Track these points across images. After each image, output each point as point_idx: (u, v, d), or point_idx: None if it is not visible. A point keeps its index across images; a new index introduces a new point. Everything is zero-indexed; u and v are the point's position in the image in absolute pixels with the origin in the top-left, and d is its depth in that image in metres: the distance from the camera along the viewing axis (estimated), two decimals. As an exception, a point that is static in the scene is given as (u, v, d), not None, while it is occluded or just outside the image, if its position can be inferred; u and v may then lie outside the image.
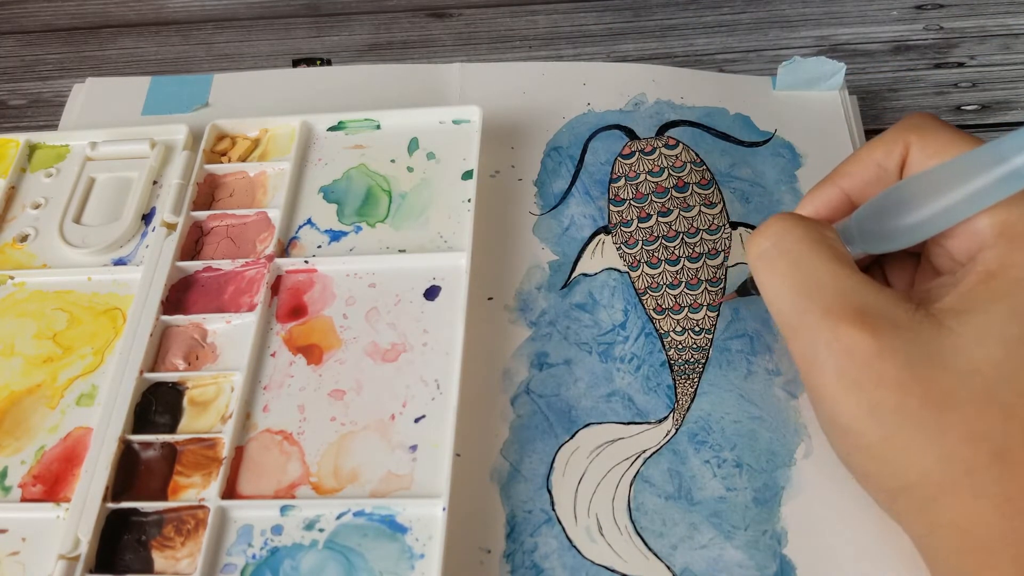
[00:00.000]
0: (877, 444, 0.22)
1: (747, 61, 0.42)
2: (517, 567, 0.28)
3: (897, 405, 0.22)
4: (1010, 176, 0.22)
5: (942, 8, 0.43)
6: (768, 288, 0.25)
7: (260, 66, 0.44)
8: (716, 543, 0.28)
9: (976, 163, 0.23)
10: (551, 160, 0.37)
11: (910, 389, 0.22)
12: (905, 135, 0.25)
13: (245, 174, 0.36)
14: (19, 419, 0.31)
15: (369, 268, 0.33)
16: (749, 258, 0.26)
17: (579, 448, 0.30)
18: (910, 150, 0.25)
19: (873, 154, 0.26)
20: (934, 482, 0.22)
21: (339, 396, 0.31)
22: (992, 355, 0.22)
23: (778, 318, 0.25)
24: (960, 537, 0.22)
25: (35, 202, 0.37)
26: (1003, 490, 0.21)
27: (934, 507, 0.22)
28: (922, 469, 0.22)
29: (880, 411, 0.22)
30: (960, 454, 0.21)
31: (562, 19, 0.45)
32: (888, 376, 0.22)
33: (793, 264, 0.24)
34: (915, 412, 0.22)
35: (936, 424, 0.21)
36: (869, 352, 0.22)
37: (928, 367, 0.22)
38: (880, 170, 0.26)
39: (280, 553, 0.28)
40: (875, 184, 0.26)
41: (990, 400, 0.21)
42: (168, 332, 0.33)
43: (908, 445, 0.22)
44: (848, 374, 0.22)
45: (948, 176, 0.23)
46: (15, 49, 0.46)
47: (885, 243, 0.25)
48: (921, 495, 0.22)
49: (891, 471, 0.23)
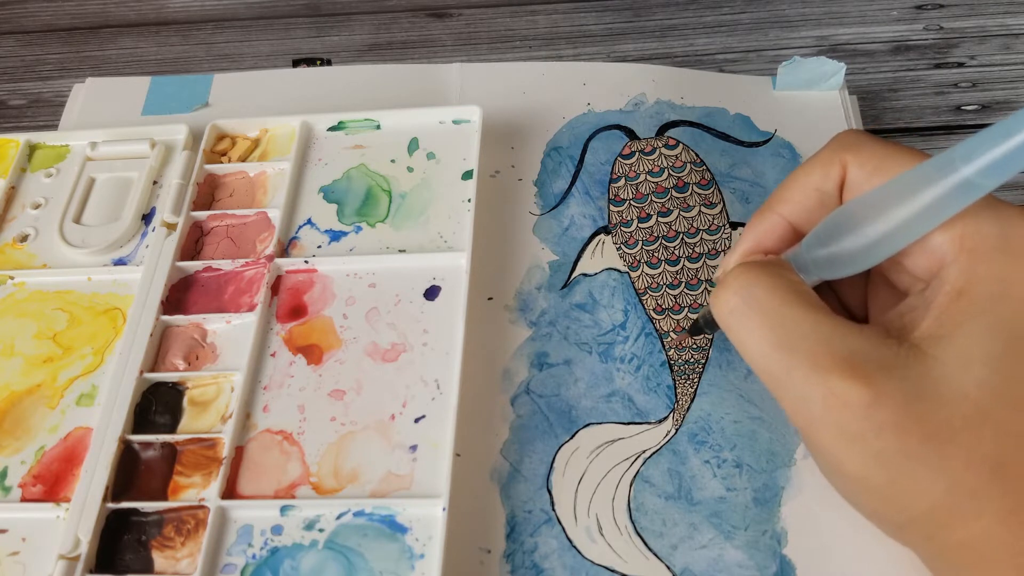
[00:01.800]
0: (884, 487, 0.22)
1: (747, 61, 0.42)
2: (517, 567, 0.28)
3: (900, 449, 0.22)
4: (963, 187, 0.21)
5: (942, 8, 0.43)
6: (748, 347, 0.24)
7: (260, 66, 0.44)
8: (716, 543, 0.28)
9: (926, 176, 0.22)
10: (551, 160, 0.37)
11: (909, 430, 0.21)
12: (840, 154, 0.25)
13: (245, 174, 0.36)
14: (19, 419, 0.31)
15: (369, 268, 0.33)
16: (718, 316, 0.25)
17: (579, 448, 0.30)
18: (848, 169, 0.24)
19: (810, 178, 0.25)
20: (941, 511, 0.22)
21: (339, 396, 0.31)
22: (977, 376, 0.21)
23: (763, 375, 0.24)
24: (968, 554, 0.22)
25: (35, 202, 0.37)
26: (1004, 504, 0.21)
27: (942, 532, 0.22)
28: (929, 502, 0.22)
29: (884, 457, 0.22)
30: (963, 480, 0.21)
31: (562, 19, 0.45)
32: (887, 422, 0.21)
33: (768, 319, 0.23)
34: (917, 451, 0.21)
35: (938, 457, 0.21)
36: (864, 401, 0.21)
37: (922, 404, 0.21)
38: (820, 194, 0.25)
39: (280, 553, 0.28)
40: (817, 209, 0.25)
41: (983, 421, 0.21)
42: (168, 332, 0.33)
43: (914, 483, 0.22)
44: (848, 427, 0.22)
45: (897, 193, 0.22)
46: (15, 49, 0.46)
47: (839, 269, 0.24)
48: (930, 524, 0.22)
49: (899, 508, 0.23)
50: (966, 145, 0.21)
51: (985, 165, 0.20)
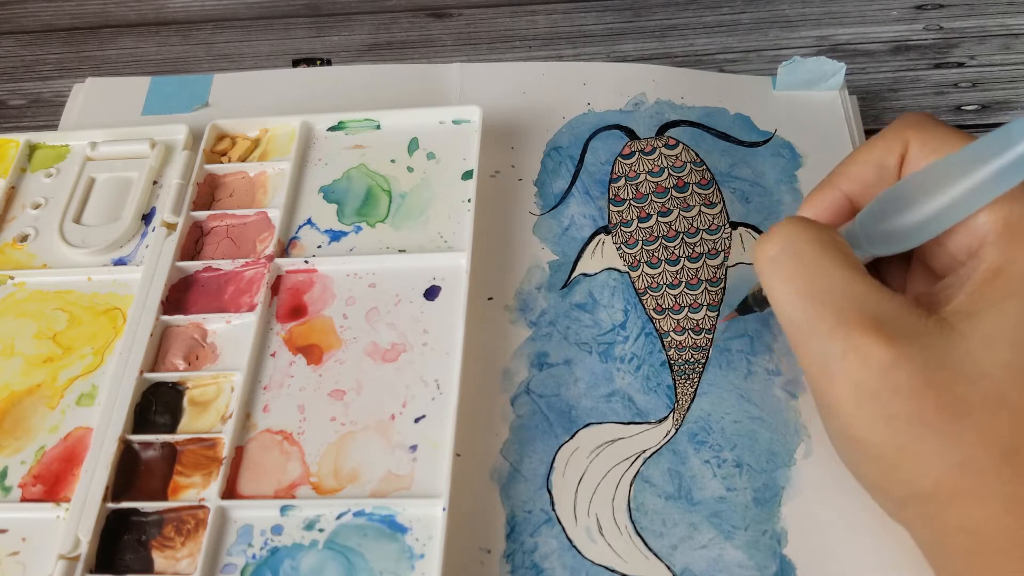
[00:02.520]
0: (892, 454, 0.22)
1: (747, 61, 0.42)
2: (517, 567, 0.28)
3: (913, 415, 0.21)
4: (1019, 162, 0.21)
5: (942, 8, 0.43)
6: (778, 294, 0.24)
7: (260, 66, 0.44)
8: (716, 543, 0.28)
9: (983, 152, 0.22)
10: (551, 160, 0.37)
11: (925, 397, 0.21)
12: (903, 133, 0.25)
13: (245, 174, 0.36)
14: (19, 419, 0.31)
15: (369, 268, 0.33)
16: (757, 263, 0.25)
17: (579, 448, 0.30)
18: (909, 147, 0.25)
19: (872, 154, 0.26)
20: (946, 488, 0.22)
21: (339, 396, 0.31)
22: (1001, 357, 0.21)
23: (787, 324, 0.24)
24: (969, 539, 0.22)
25: (35, 202, 0.37)
26: (1012, 491, 0.21)
27: (945, 513, 0.22)
28: (936, 477, 0.22)
29: (896, 422, 0.22)
30: (972, 459, 0.21)
31: (562, 19, 0.45)
32: (903, 386, 0.21)
33: (804, 269, 0.24)
34: (930, 421, 0.21)
35: (950, 431, 0.21)
36: (885, 361, 0.22)
37: (941, 374, 0.21)
38: (880, 169, 0.26)
39: (280, 553, 0.28)
40: (876, 184, 0.26)
41: (1000, 403, 0.21)
42: (168, 332, 0.33)
43: (923, 454, 0.22)
44: (864, 385, 0.22)
45: (954, 168, 0.23)
46: (15, 49, 0.46)
47: (892, 244, 0.24)
48: (933, 502, 0.22)
49: (904, 480, 0.22)
50: (1022, 121, 0.21)
51: None
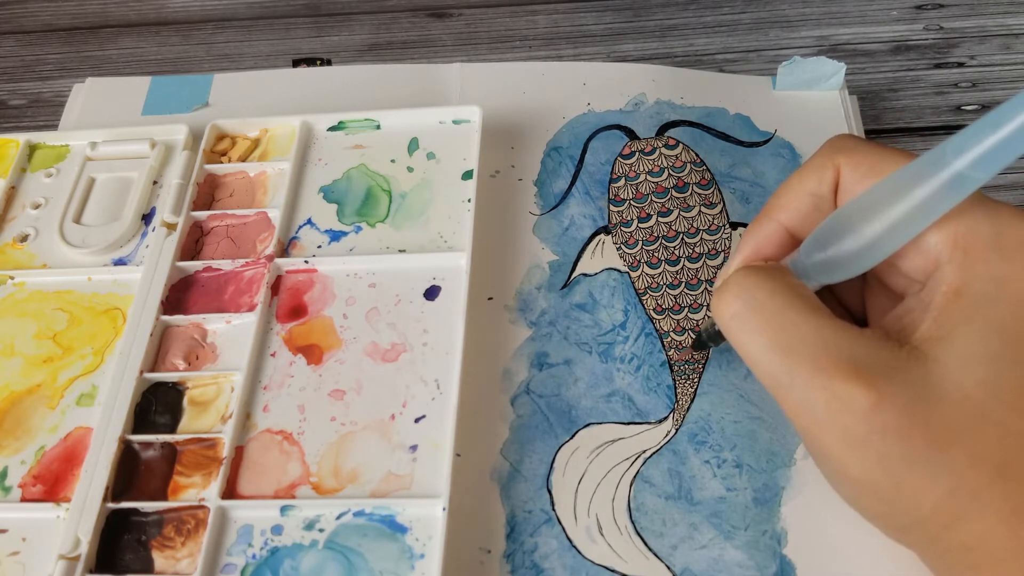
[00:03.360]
0: (888, 490, 0.22)
1: (747, 61, 0.42)
2: (517, 567, 0.28)
3: (903, 452, 0.22)
4: (957, 180, 0.21)
5: (942, 8, 0.43)
6: (749, 350, 0.24)
7: (260, 66, 0.44)
8: (716, 543, 0.28)
9: (919, 172, 0.22)
10: (551, 160, 0.37)
11: (913, 433, 0.21)
12: (833, 158, 0.25)
13: (245, 174, 0.36)
14: (19, 419, 0.31)
15: (369, 268, 0.33)
16: (721, 321, 0.25)
17: (579, 448, 0.30)
18: (841, 173, 0.25)
19: (805, 183, 0.25)
20: (944, 513, 0.22)
21: (339, 396, 0.31)
22: (978, 376, 0.21)
23: (764, 378, 0.24)
24: (970, 556, 0.22)
25: (35, 202, 0.37)
26: (1007, 504, 0.21)
27: (946, 534, 0.22)
28: (933, 504, 0.22)
29: (887, 460, 0.22)
30: (967, 481, 0.21)
31: (562, 19, 0.45)
32: (890, 426, 0.21)
33: (770, 322, 0.23)
34: (922, 454, 0.21)
35: (941, 459, 0.21)
36: (867, 405, 0.21)
37: (925, 405, 0.21)
38: (815, 199, 0.25)
39: (280, 553, 0.28)
40: (813, 213, 0.25)
41: (985, 421, 0.21)
42: (168, 332, 0.33)
43: (918, 485, 0.22)
44: (851, 430, 0.22)
45: (891, 190, 0.22)
46: (15, 49, 0.46)
47: (839, 272, 0.24)
48: (933, 525, 0.22)
49: (903, 511, 0.23)
50: (957, 139, 0.20)
51: (976, 157, 0.20)
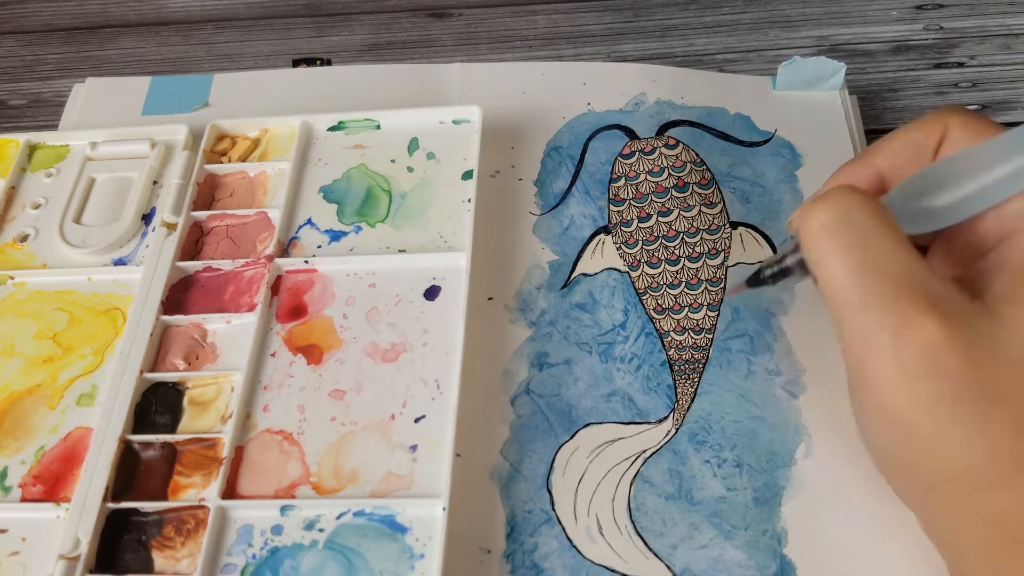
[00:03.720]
0: (928, 436, 0.22)
1: (747, 61, 0.42)
2: (517, 567, 0.28)
3: (953, 397, 0.21)
4: None
5: (942, 8, 0.43)
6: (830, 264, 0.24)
7: (260, 66, 0.44)
8: (716, 543, 0.28)
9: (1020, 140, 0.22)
10: (551, 160, 0.37)
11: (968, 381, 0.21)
12: (945, 117, 0.25)
13: (245, 174, 0.36)
14: (19, 419, 0.31)
15: (369, 268, 0.33)
16: (807, 230, 0.24)
17: (579, 448, 0.30)
18: (949, 131, 0.25)
19: (911, 134, 0.26)
20: (977, 475, 0.21)
21: (339, 396, 0.31)
22: None
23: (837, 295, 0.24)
24: (993, 528, 0.21)
25: (35, 202, 0.37)
26: None
27: (971, 499, 0.22)
28: (968, 462, 0.21)
29: (936, 402, 0.22)
30: (1006, 447, 0.21)
31: (562, 19, 0.45)
32: (950, 367, 0.21)
33: (860, 239, 0.23)
34: (969, 404, 0.21)
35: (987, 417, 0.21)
36: (935, 340, 0.21)
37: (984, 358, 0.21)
38: (918, 149, 0.26)
39: (280, 553, 0.28)
40: (911, 163, 0.26)
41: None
42: (168, 332, 0.33)
43: (959, 438, 0.22)
44: (911, 363, 0.22)
45: (991, 154, 0.23)
46: (15, 49, 0.46)
47: (922, 223, 0.24)
48: (962, 489, 0.22)
49: (936, 464, 0.22)
50: None
51: None
